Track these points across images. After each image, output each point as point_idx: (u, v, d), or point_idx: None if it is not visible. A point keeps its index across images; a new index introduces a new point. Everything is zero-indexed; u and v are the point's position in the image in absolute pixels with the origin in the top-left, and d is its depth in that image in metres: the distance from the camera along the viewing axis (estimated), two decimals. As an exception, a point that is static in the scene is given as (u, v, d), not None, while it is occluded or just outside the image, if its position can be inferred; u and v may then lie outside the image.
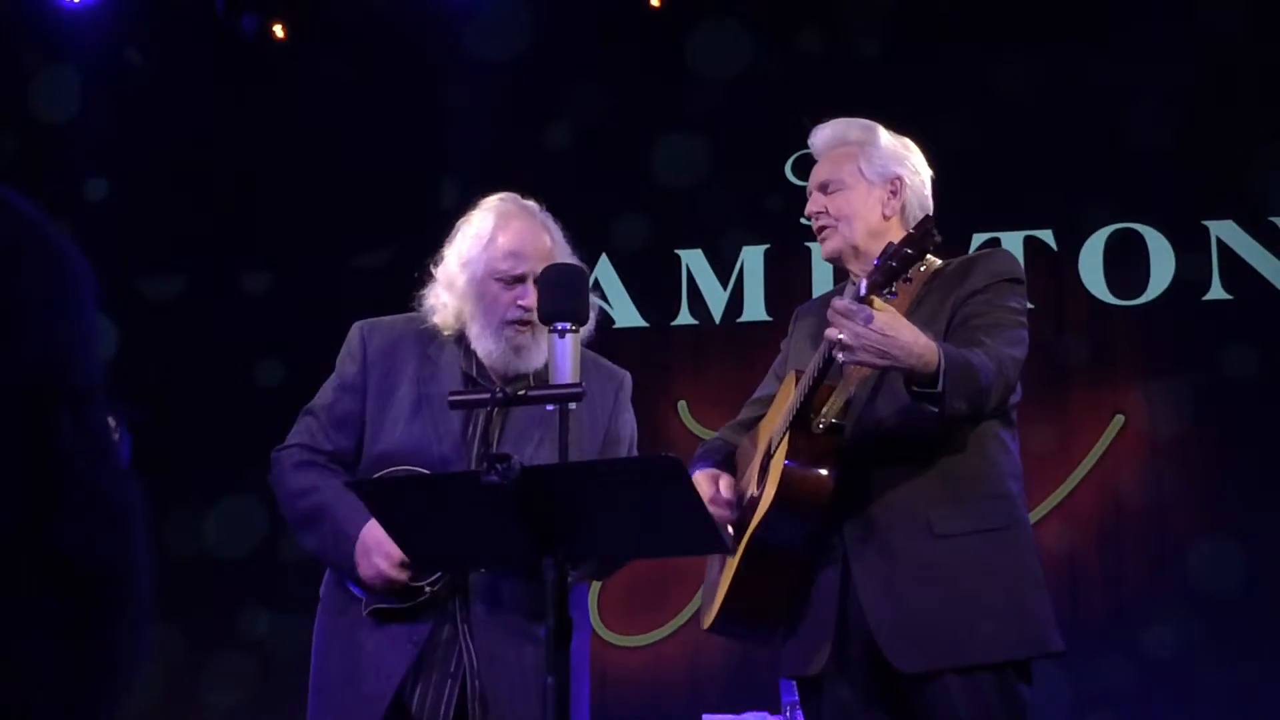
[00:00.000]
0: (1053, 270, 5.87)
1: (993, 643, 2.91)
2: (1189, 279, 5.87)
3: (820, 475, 2.92)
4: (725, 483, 3.14)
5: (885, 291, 2.75)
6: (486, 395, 2.69)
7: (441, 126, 6.25)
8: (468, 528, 2.62)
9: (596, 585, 5.94)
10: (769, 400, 3.24)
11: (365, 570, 3.04)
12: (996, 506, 2.99)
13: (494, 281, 3.18)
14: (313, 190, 6.31)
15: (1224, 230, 5.87)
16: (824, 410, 2.98)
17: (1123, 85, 5.87)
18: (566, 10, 6.27)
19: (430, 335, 3.25)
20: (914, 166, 3.20)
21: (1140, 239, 5.94)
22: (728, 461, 3.27)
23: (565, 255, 3.23)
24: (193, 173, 6.35)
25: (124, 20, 6.46)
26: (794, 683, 4.04)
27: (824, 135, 3.26)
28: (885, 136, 3.21)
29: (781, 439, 2.97)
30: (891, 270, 2.72)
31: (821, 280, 6.05)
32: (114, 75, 6.46)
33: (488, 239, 3.20)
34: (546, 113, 6.28)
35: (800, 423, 2.95)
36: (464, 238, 3.25)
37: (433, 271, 3.29)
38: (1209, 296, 5.85)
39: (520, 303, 3.15)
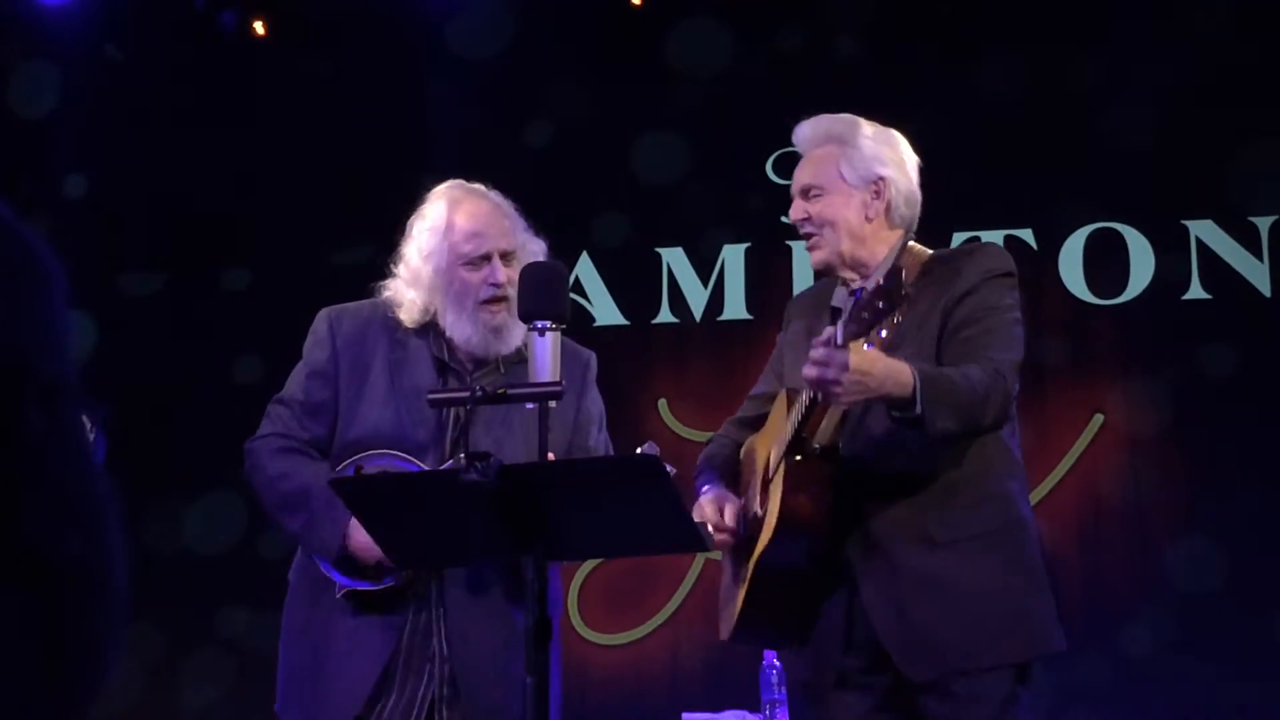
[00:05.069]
0: (1032, 270, 5.87)
1: (998, 646, 2.93)
2: (1168, 278, 5.88)
3: (818, 501, 2.94)
4: (730, 511, 3.14)
5: (864, 342, 2.69)
6: (465, 394, 2.69)
7: (422, 124, 6.23)
8: (447, 525, 2.62)
9: (576, 582, 5.94)
10: (767, 399, 3.24)
11: (357, 541, 3.02)
12: (994, 507, 2.99)
13: (460, 267, 3.19)
14: (292, 187, 6.29)
15: (1203, 230, 5.89)
16: (817, 434, 3.00)
17: (1102, 84, 5.88)
18: (547, 8, 6.26)
19: (397, 321, 3.26)
20: (899, 161, 3.15)
21: (1120, 238, 5.95)
22: (732, 470, 3.28)
23: (523, 232, 3.26)
24: (172, 169, 6.33)
25: (103, 16, 6.44)
26: (773, 680, 4.07)
27: (806, 133, 3.22)
28: (868, 134, 3.17)
29: (779, 466, 2.99)
30: (864, 321, 2.65)
31: (802, 278, 6.05)
32: (93, 71, 6.43)
33: (445, 226, 3.22)
34: (527, 111, 6.27)
35: (795, 449, 2.97)
36: (420, 231, 3.26)
37: (394, 271, 3.29)
38: (1188, 296, 5.87)
39: (490, 281, 3.18)
